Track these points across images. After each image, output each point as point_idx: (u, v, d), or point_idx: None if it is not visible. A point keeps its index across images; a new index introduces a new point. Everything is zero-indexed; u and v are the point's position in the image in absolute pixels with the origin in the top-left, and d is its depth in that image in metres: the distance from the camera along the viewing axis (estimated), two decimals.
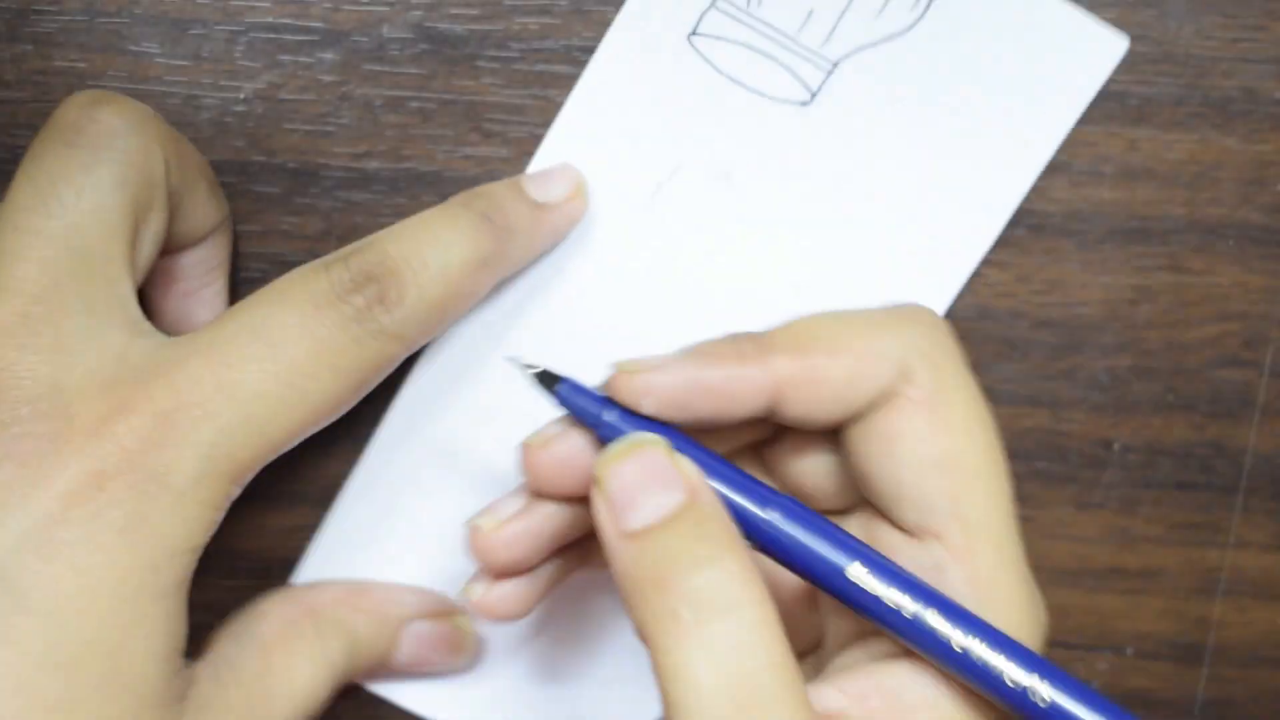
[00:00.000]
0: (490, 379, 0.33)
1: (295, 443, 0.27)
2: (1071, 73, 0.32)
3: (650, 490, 0.24)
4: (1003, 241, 0.33)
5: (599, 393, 0.26)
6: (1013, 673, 0.23)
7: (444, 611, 0.33)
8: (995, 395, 0.33)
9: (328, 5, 0.32)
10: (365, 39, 0.32)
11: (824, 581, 0.24)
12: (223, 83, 0.32)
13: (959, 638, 0.23)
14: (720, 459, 0.25)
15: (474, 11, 0.32)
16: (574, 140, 0.32)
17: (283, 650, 0.29)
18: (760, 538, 0.25)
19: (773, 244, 0.33)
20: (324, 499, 0.34)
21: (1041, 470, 0.34)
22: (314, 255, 0.33)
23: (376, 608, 0.31)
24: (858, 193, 0.32)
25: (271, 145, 0.33)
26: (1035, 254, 0.33)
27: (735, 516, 0.24)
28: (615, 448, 0.24)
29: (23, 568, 0.24)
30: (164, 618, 0.25)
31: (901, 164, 0.32)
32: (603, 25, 0.32)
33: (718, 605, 0.23)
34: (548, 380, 0.26)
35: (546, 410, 0.27)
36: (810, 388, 0.26)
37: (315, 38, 0.32)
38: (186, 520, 0.25)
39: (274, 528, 0.34)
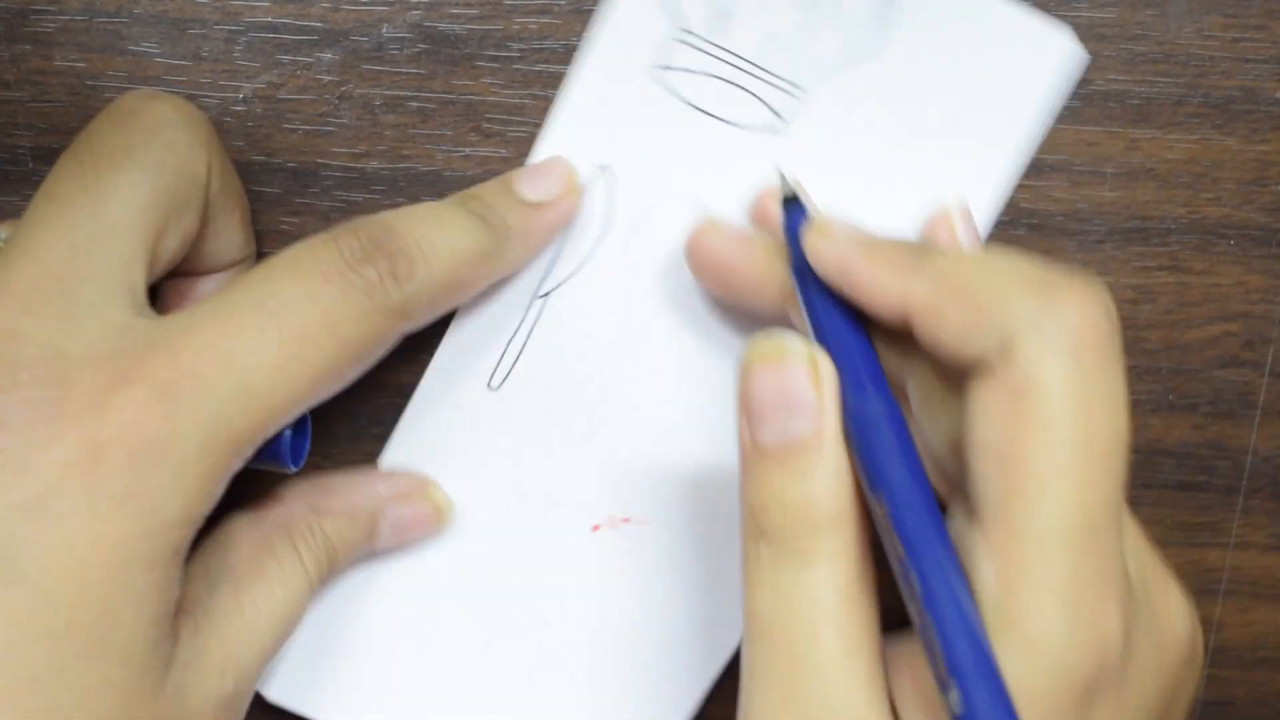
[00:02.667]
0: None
1: (297, 414, 0.27)
2: (1030, 73, 0.32)
3: (781, 409, 0.25)
4: (1003, 241, 0.33)
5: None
6: (941, 665, 0.22)
7: (416, 489, 0.32)
8: None
9: (327, 5, 0.32)
10: (365, 39, 0.32)
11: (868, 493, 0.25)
12: (222, 82, 0.32)
13: (919, 610, 0.23)
14: (859, 339, 0.26)
15: (474, 11, 0.32)
16: None
17: (257, 579, 0.28)
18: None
19: None
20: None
21: None
22: None
23: (348, 507, 0.31)
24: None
25: (271, 145, 0.33)
26: (1035, 254, 0.33)
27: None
28: (763, 346, 0.25)
29: (16, 538, 0.24)
30: (155, 586, 0.25)
31: (876, 184, 0.32)
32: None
33: (795, 550, 0.24)
34: (789, 200, 0.28)
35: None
36: (930, 327, 0.25)
37: (315, 37, 0.32)
38: (185, 493, 0.25)
39: None
